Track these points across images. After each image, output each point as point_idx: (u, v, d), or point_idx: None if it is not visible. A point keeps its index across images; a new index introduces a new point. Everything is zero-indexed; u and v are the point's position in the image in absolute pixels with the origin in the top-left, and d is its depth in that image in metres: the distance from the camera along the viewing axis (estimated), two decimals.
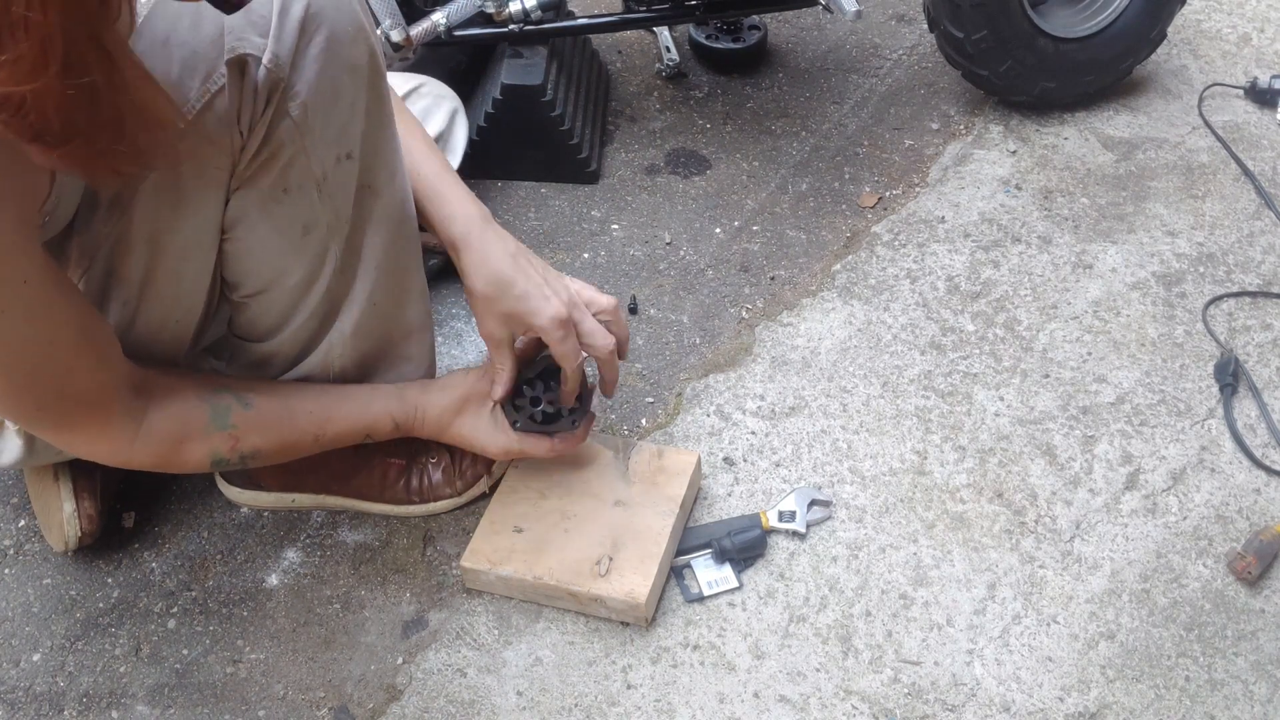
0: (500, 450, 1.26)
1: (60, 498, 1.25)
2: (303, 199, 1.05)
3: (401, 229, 1.15)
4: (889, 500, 1.33)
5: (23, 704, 1.19)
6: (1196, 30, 2.09)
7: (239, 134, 0.98)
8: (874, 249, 1.68)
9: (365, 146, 1.06)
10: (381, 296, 1.16)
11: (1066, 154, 1.83)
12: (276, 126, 1.00)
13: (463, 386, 1.24)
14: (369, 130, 1.06)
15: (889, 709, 1.15)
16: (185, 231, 1.03)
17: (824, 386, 1.47)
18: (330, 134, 1.03)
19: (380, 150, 1.08)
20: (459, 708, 1.16)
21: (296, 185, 1.04)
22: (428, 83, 1.57)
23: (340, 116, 1.03)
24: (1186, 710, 1.14)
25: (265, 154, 1.01)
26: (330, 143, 1.03)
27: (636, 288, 1.63)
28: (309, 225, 1.07)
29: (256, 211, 1.05)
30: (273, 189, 1.03)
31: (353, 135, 1.05)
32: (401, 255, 1.17)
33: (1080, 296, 1.59)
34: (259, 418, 1.13)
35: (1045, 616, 1.22)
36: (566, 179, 1.82)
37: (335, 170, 1.05)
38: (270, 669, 1.21)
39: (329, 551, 1.31)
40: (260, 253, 1.08)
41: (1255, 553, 1.24)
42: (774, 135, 1.91)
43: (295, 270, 1.10)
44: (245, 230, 1.06)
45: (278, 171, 1.02)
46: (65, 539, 1.25)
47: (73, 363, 0.96)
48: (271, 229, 1.06)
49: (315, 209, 1.06)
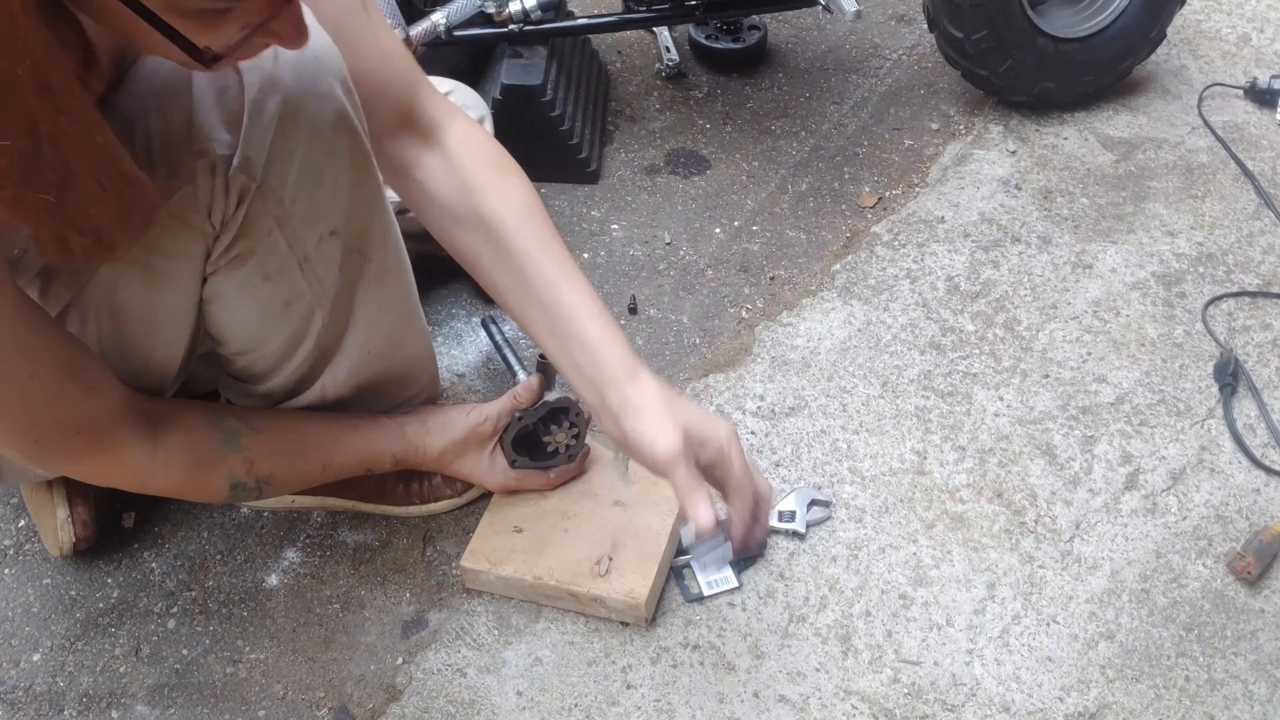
0: (498, 486, 1.28)
1: (54, 503, 1.24)
2: (283, 280, 1.03)
3: (397, 282, 1.13)
4: (889, 500, 1.33)
5: (23, 704, 1.19)
6: (1196, 30, 2.09)
7: (210, 227, 0.96)
8: (874, 249, 1.68)
9: (351, 221, 1.04)
10: (376, 344, 1.16)
11: (1066, 154, 1.83)
12: (253, 223, 0.97)
13: (463, 428, 1.24)
14: (354, 206, 1.03)
15: (889, 709, 1.15)
16: (155, 305, 1.00)
17: (824, 386, 1.47)
18: (312, 219, 1.01)
19: (369, 220, 1.06)
20: (459, 708, 1.17)
21: (276, 271, 1.02)
22: (457, 90, 1.55)
23: (322, 201, 1.00)
24: (1186, 710, 1.14)
25: (241, 246, 0.98)
26: (312, 225, 1.01)
27: (636, 288, 1.63)
28: (291, 299, 1.05)
29: (235, 294, 1.03)
30: (250, 276, 1.01)
31: (336, 214, 1.02)
32: (398, 306, 1.16)
33: (1080, 296, 1.59)
34: (269, 441, 1.11)
35: (1045, 616, 1.22)
36: (566, 179, 1.82)
37: (318, 249, 1.03)
38: (270, 669, 1.21)
39: (329, 551, 1.31)
40: (240, 326, 1.06)
41: (1255, 553, 1.24)
42: (774, 135, 1.91)
43: (278, 336, 1.08)
44: (223, 306, 1.04)
45: (255, 262, 1.00)
46: (60, 544, 1.25)
47: (58, 394, 0.93)
48: (251, 307, 1.04)
49: (297, 285, 1.04)
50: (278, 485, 1.15)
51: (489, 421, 1.25)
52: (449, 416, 1.25)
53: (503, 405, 1.26)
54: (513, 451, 1.26)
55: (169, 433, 1.04)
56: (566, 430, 1.27)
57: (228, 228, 0.97)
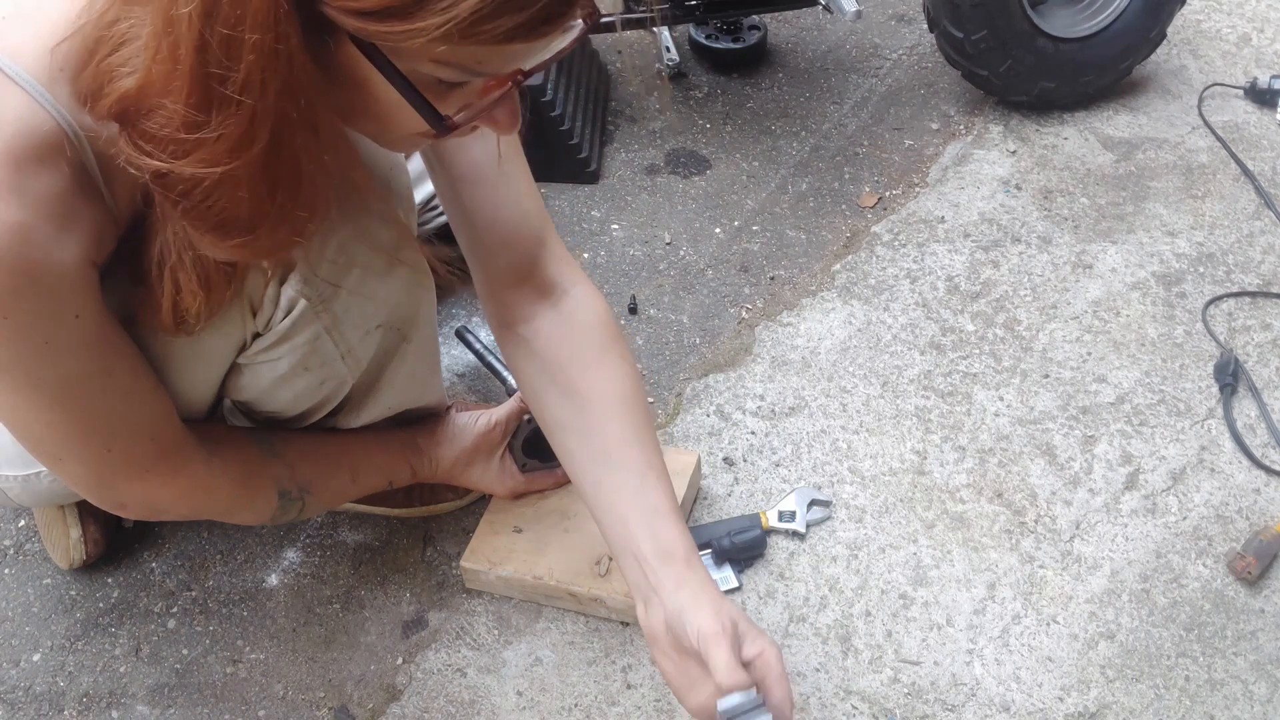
0: (508, 491, 1.28)
1: (66, 524, 1.25)
2: (323, 370, 1.01)
3: (429, 351, 1.13)
4: (889, 500, 1.33)
5: (23, 704, 1.19)
6: (1196, 30, 2.09)
7: (254, 323, 0.93)
8: (874, 249, 1.68)
9: (398, 313, 1.03)
10: (398, 402, 1.16)
11: (1066, 154, 1.83)
12: (300, 330, 0.95)
13: (472, 437, 1.24)
14: (405, 303, 1.02)
15: (889, 709, 1.15)
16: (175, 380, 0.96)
17: (824, 386, 1.47)
18: (362, 322, 0.99)
19: (416, 310, 1.05)
20: (459, 708, 1.16)
21: (318, 365, 1.00)
22: None
23: (370, 311, 0.99)
24: (1186, 710, 1.14)
25: (282, 351, 0.97)
26: (359, 325, 0.99)
27: (636, 288, 1.63)
28: (326, 379, 1.04)
29: (268, 380, 1.00)
30: (289, 371, 0.99)
31: (382, 314, 1.01)
32: (426, 374, 1.16)
33: (1080, 296, 1.59)
34: (300, 447, 1.09)
35: (1045, 616, 1.22)
36: (566, 179, 1.82)
37: (362, 342, 1.02)
38: (270, 669, 1.21)
39: (329, 551, 1.31)
40: (269, 401, 1.04)
41: (1255, 553, 1.24)
42: (774, 135, 1.91)
43: (305, 403, 1.06)
44: (255, 389, 1.01)
45: (297, 360, 0.98)
46: (70, 561, 1.27)
47: (131, 395, 0.89)
48: (286, 393, 1.03)
49: (336, 370, 1.03)
50: (316, 495, 1.11)
51: (498, 428, 1.25)
52: (458, 425, 1.25)
53: (510, 409, 1.26)
54: (523, 455, 1.26)
55: (217, 444, 1.01)
56: None
57: (271, 330, 0.95)
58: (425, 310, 1.08)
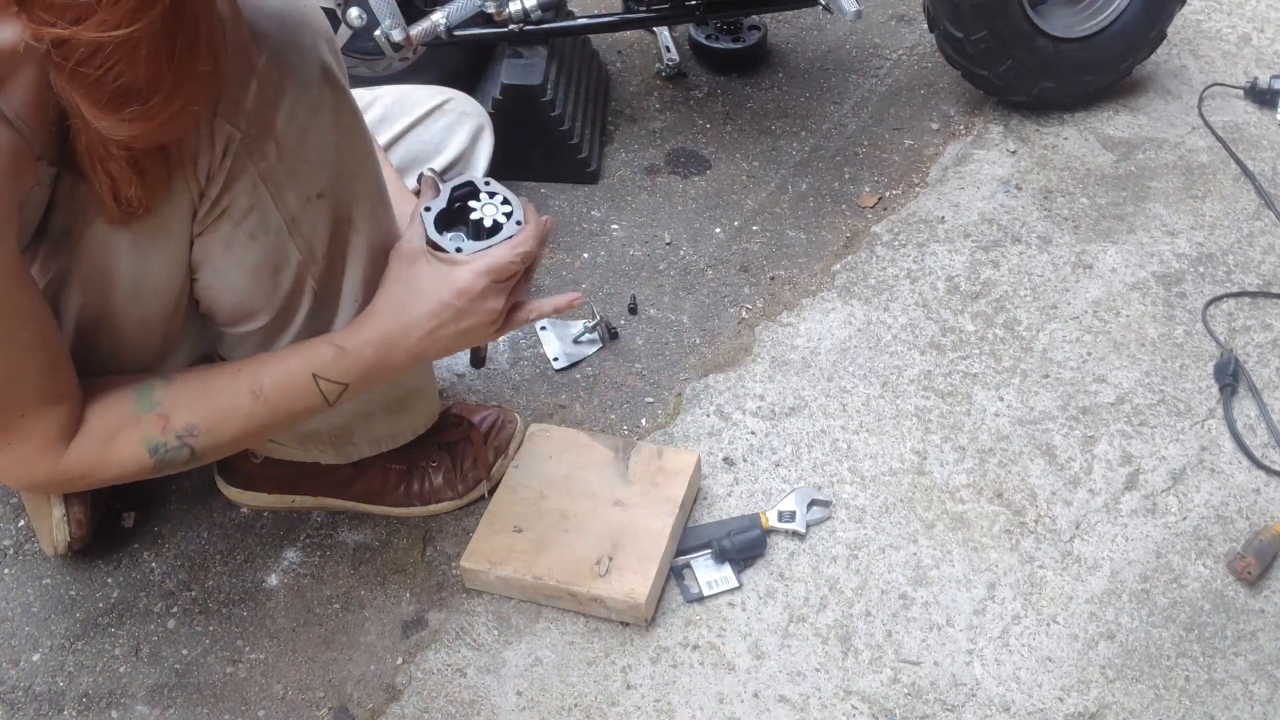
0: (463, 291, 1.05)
1: (49, 502, 1.24)
2: (270, 239, 1.02)
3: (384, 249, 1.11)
4: (889, 500, 1.33)
5: (23, 704, 1.19)
6: (1196, 30, 2.09)
7: (197, 180, 0.95)
8: (874, 249, 1.68)
9: (338, 184, 1.03)
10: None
11: (1066, 154, 1.83)
12: (237, 176, 0.97)
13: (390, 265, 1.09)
14: (341, 169, 1.03)
15: (889, 709, 1.15)
16: (142, 270, 0.99)
17: (824, 386, 1.47)
18: (298, 177, 1.00)
19: (357, 186, 1.05)
20: (459, 708, 1.17)
21: (263, 229, 1.01)
22: (454, 99, 1.54)
23: (308, 159, 1.00)
24: (1186, 710, 1.14)
25: (226, 201, 0.98)
26: (299, 185, 1.00)
27: (636, 288, 1.63)
28: (279, 264, 1.04)
29: (221, 254, 1.02)
30: (236, 234, 1.00)
31: (323, 176, 1.02)
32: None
33: (1080, 296, 1.59)
34: (183, 387, 1.02)
35: (1045, 617, 1.22)
36: (566, 179, 1.82)
37: (305, 210, 1.02)
38: (270, 669, 1.21)
39: (329, 551, 1.31)
40: (229, 290, 1.05)
41: (1255, 553, 1.24)
42: (774, 135, 1.91)
43: (267, 309, 1.06)
44: (211, 270, 1.03)
45: (241, 217, 0.99)
46: (55, 543, 1.24)
47: (21, 361, 0.90)
48: (239, 271, 1.03)
49: (286, 249, 1.03)
50: (206, 436, 1.01)
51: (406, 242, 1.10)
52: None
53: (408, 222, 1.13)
54: (448, 242, 1.06)
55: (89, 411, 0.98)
56: (495, 204, 1.08)
57: (213, 181, 0.96)
58: (370, 195, 1.06)
